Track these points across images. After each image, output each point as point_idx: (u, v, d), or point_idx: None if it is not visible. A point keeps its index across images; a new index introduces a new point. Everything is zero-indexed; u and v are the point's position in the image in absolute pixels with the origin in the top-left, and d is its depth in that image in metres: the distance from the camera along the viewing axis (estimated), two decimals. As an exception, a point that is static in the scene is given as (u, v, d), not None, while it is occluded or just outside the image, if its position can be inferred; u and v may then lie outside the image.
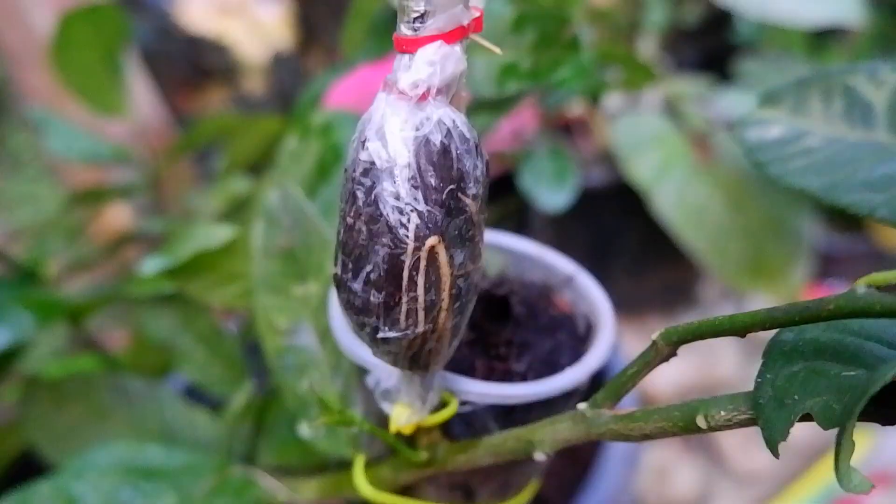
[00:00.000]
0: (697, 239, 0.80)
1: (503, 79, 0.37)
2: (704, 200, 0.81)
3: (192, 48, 1.42)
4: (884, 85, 0.26)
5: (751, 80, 0.82)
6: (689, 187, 0.82)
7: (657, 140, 0.83)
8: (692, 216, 0.81)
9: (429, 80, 0.19)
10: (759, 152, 0.27)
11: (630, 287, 1.03)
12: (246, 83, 1.48)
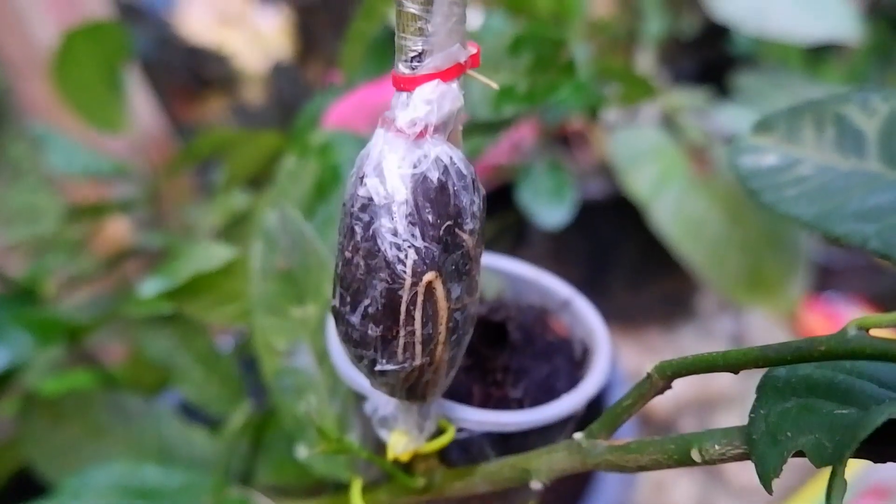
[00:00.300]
0: (695, 252, 0.80)
1: (500, 101, 0.37)
2: (702, 213, 0.81)
3: (192, 58, 1.42)
4: (875, 114, 0.26)
5: (748, 95, 0.82)
6: (686, 200, 0.82)
7: (655, 153, 0.84)
8: (690, 229, 0.81)
9: (426, 118, 0.19)
10: (752, 180, 0.28)
11: (628, 299, 1.03)
12: (245, 93, 1.49)
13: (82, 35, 0.46)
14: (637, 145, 0.84)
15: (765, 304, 0.80)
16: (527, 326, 0.29)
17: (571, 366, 0.29)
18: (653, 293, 1.02)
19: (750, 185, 0.28)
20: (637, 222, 0.80)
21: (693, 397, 0.94)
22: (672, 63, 1.25)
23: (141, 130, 0.88)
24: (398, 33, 0.19)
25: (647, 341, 1.02)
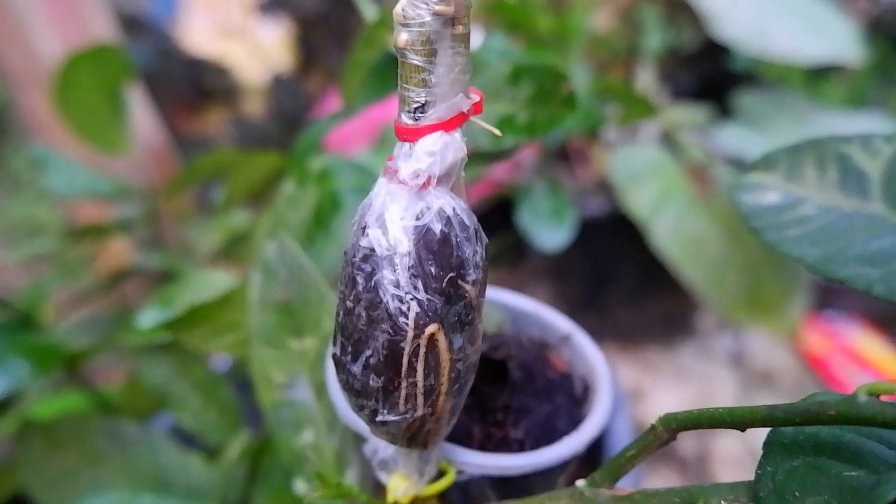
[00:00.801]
0: (695, 271, 0.80)
1: (500, 131, 0.37)
2: (702, 233, 0.81)
3: (193, 70, 1.42)
4: (878, 155, 0.26)
5: (749, 115, 0.82)
6: (686, 220, 0.82)
7: (655, 172, 0.84)
8: (690, 248, 0.81)
9: (429, 169, 0.19)
10: (754, 218, 0.27)
11: (628, 316, 1.03)
12: (246, 104, 1.49)
13: (84, 58, 0.46)
14: (637, 164, 0.84)
15: (765, 324, 0.80)
16: (527, 364, 0.29)
17: (572, 404, 0.29)
18: (652, 311, 1.02)
19: (751, 224, 0.27)
20: (637, 240, 0.80)
21: (692, 416, 0.94)
22: (672, 78, 1.25)
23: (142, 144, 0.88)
24: (401, 84, 0.19)
25: (647, 359, 1.01)
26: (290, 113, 1.44)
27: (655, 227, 0.79)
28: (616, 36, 1.36)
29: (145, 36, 1.41)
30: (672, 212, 0.81)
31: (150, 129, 0.92)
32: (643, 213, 0.79)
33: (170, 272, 0.58)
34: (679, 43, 1.21)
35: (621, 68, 1.31)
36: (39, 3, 0.84)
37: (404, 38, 0.18)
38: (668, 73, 1.25)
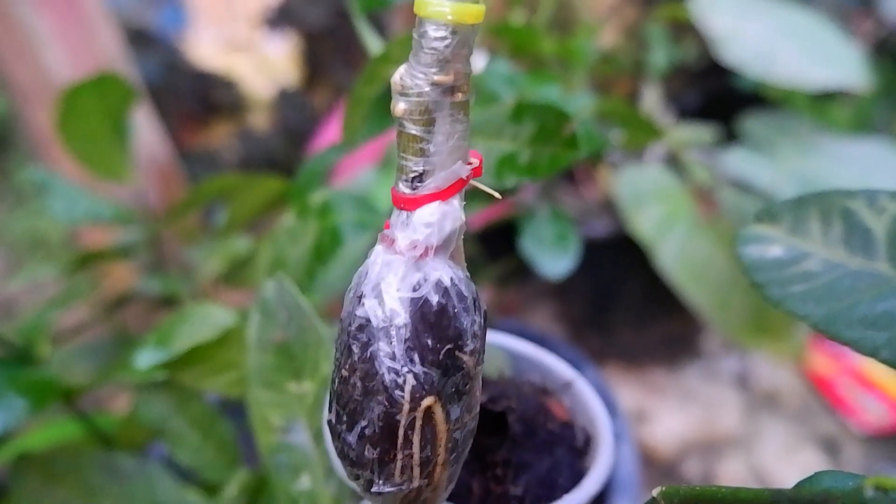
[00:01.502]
0: (700, 294, 0.79)
1: (501, 170, 0.36)
2: (707, 256, 0.81)
3: (199, 83, 1.43)
4: (884, 212, 0.25)
5: (754, 140, 0.82)
6: (692, 242, 0.82)
7: (660, 194, 0.83)
8: (695, 271, 0.80)
9: (427, 240, 0.19)
10: (758, 272, 0.27)
11: (632, 337, 1.02)
12: (252, 118, 1.49)
13: (87, 87, 0.46)
14: (642, 185, 0.84)
15: (770, 347, 0.80)
16: (528, 416, 0.29)
17: (574, 456, 0.29)
18: (657, 332, 1.01)
19: (755, 278, 0.27)
20: (642, 261, 0.80)
21: (698, 439, 0.93)
22: (677, 96, 1.25)
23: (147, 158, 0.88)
24: (399, 153, 0.19)
25: (651, 381, 1.01)
26: (296, 127, 1.45)
27: (660, 250, 0.79)
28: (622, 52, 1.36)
29: (152, 49, 1.42)
30: (677, 234, 0.81)
31: (156, 143, 0.92)
32: (648, 235, 0.79)
33: (170, 297, 0.58)
34: (684, 60, 1.21)
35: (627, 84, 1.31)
36: (47, 18, 0.85)
37: (402, 108, 0.18)
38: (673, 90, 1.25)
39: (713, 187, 0.84)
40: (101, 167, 0.50)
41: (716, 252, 0.79)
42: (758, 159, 0.79)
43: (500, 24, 0.77)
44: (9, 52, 0.86)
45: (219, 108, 1.44)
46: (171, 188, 0.95)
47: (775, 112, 0.88)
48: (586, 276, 0.97)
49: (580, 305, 1.04)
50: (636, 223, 0.80)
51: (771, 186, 0.76)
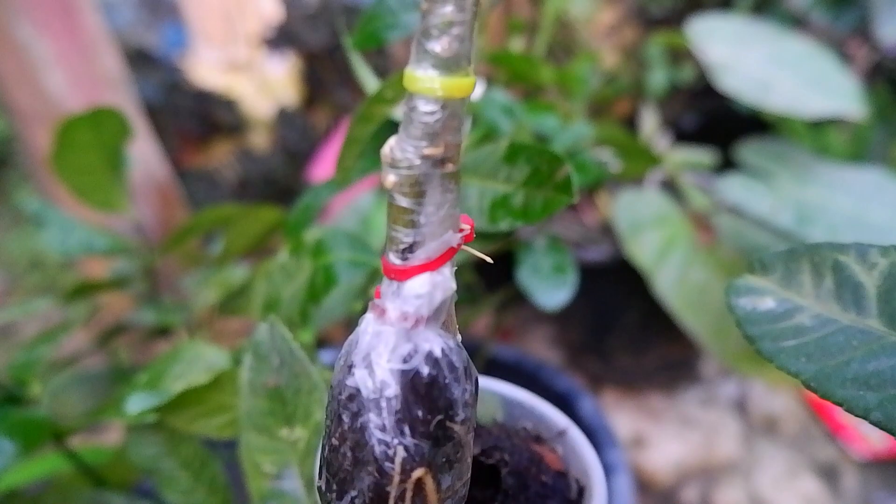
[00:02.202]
0: (697, 321, 0.79)
1: (495, 213, 0.36)
2: (705, 282, 0.81)
3: (200, 103, 1.43)
4: (875, 268, 0.25)
5: (752, 168, 0.82)
6: (690, 269, 0.82)
7: (659, 220, 0.83)
8: (693, 298, 0.80)
9: (417, 312, 0.19)
10: (750, 325, 0.27)
11: (630, 361, 1.02)
12: (252, 137, 1.49)
13: (80, 123, 0.46)
14: (640, 211, 0.84)
15: (768, 374, 0.80)
16: (521, 469, 0.28)
17: (565, 508, 0.28)
18: (655, 356, 1.01)
19: (747, 331, 0.27)
20: (640, 286, 0.80)
21: (696, 464, 0.93)
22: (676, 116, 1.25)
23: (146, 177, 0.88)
24: (389, 223, 0.19)
25: (649, 405, 1.00)
26: (296, 147, 1.45)
27: (658, 276, 0.79)
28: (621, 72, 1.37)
29: (153, 69, 1.42)
30: (675, 261, 0.81)
31: (155, 163, 0.92)
32: (646, 262, 0.79)
33: (165, 327, 0.57)
34: (683, 81, 1.22)
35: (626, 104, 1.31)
36: (49, 40, 0.85)
37: (392, 180, 0.18)
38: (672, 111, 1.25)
39: (711, 213, 0.84)
40: (97, 199, 0.50)
41: (714, 279, 0.79)
42: (755, 187, 0.79)
43: (499, 53, 0.77)
44: (9, 73, 0.86)
45: (219, 127, 1.44)
46: (170, 208, 0.95)
47: (773, 139, 0.88)
48: (585, 301, 0.97)
49: (578, 330, 1.03)
50: (634, 249, 0.80)
51: (769, 214, 0.76)
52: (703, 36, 0.85)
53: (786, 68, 0.80)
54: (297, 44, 1.47)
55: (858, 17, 1.13)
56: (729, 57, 0.82)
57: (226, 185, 1.38)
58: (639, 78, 1.25)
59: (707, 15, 0.91)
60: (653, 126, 1.01)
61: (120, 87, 0.91)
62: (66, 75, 0.88)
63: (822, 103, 0.75)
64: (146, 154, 0.91)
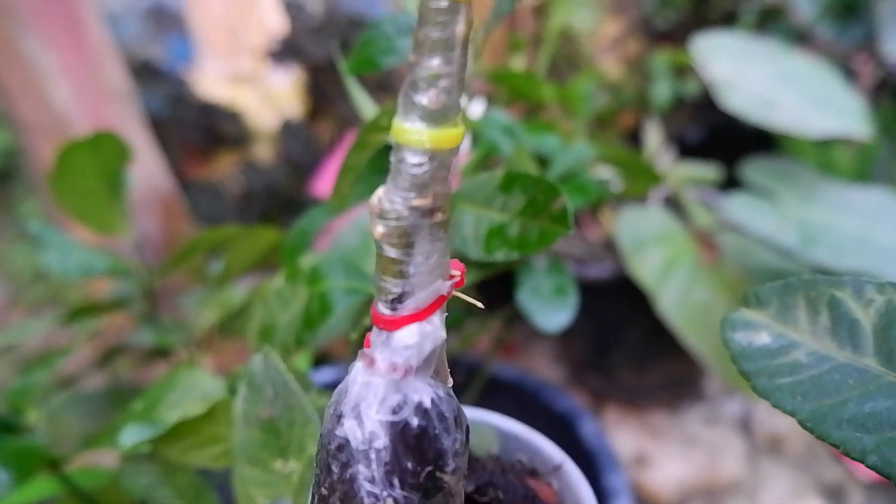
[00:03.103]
0: (701, 340, 0.79)
1: (491, 242, 0.36)
2: (709, 301, 0.80)
3: (205, 115, 1.44)
4: (871, 304, 0.25)
5: (756, 187, 0.82)
6: (693, 287, 0.81)
7: (662, 238, 0.83)
8: (696, 317, 0.80)
9: (406, 363, 0.18)
10: (746, 361, 0.27)
11: (632, 378, 1.01)
12: (256, 149, 1.50)
13: (80, 147, 0.46)
14: (643, 228, 0.84)
15: (771, 395, 0.79)
16: (514, 506, 0.28)
17: (559, 547, 0.28)
18: (658, 374, 1.00)
19: (743, 367, 0.27)
20: (643, 303, 0.79)
21: (700, 483, 0.92)
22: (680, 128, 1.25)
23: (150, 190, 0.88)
24: (378, 274, 0.18)
25: (652, 423, 1.00)
26: (299, 159, 1.45)
27: (662, 295, 0.78)
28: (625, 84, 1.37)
29: (158, 82, 1.43)
30: (678, 279, 0.80)
31: (159, 175, 0.93)
32: (649, 280, 0.79)
33: (164, 348, 0.57)
34: (687, 93, 1.22)
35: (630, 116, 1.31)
36: (55, 53, 0.85)
37: (380, 231, 0.18)
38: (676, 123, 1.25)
39: (715, 231, 0.84)
40: (96, 222, 0.51)
41: (717, 298, 0.79)
42: (759, 206, 0.79)
43: (500, 71, 0.77)
44: (15, 86, 0.87)
45: (223, 140, 1.44)
46: (174, 220, 0.96)
47: (777, 157, 0.88)
48: (587, 318, 0.97)
49: (581, 346, 1.03)
50: (637, 267, 0.79)
51: (773, 234, 0.75)
52: (707, 53, 0.85)
53: (790, 86, 0.80)
54: (302, 56, 1.48)
55: (864, 31, 1.12)
56: (733, 75, 0.82)
57: (229, 197, 1.38)
58: (643, 90, 1.25)
59: (711, 31, 0.91)
60: (657, 141, 1.01)
61: (124, 99, 0.91)
62: (71, 88, 0.89)
63: (828, 123, 0.75)
64: (150, 167, 0.91)
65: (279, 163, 1.47)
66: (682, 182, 0.92)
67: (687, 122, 1.33)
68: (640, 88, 1.29)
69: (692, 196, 0.88)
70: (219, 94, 1.48)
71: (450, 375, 0.21)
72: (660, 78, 1.20)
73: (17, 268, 1.18)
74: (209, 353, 0.58)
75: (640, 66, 1.41)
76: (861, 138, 0.75)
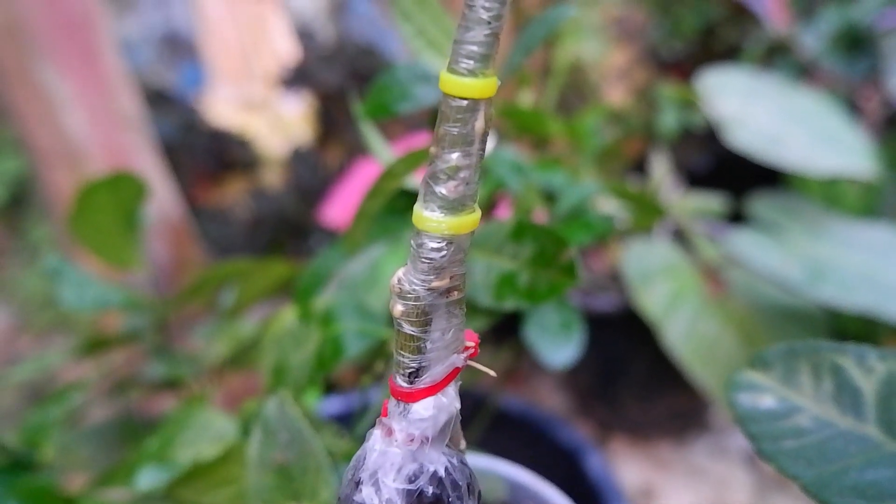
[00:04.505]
0: (707, 374, 0.79)
1: (501, 290, 0.37)
2: (716, 335, 0.81)
3: (215, 142, 1.46)
4: (873, 372, 0.26)
5: (763, 223, 0.82)
6: (700, 321, 0.81)
7: (668, 271, 0.84)
8: (703, 351, 0.80)
9: (422, 434, 0.19)
10: (751, 423, 0.27)
11: (638, 410, 1.01)
12: (265, 176, 1.51)
13: (100, 187, 0.47)
14: (650, 262, 0.84)
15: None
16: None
17: None
18: (665, 405, 1.01)
19: (748, 430, 0.27)
20: (649, 334, 0.80)
21: (704, 516, 0.92)
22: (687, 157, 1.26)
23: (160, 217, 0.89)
24: (396, 349, 0.19)
25: (658, 455, 1.00)
26: (309, 186, 1.47)
27: (668, 328, 0.79)
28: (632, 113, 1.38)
29: (170, 109, 1.45)
30: (685, 313, 0.81)
31: (169, 201, 0.94)
32: (655, 313, 0.79)
33: (175, 381, 0.58)
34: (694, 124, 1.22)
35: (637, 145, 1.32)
36: (70, 81, 0.87)
37: (400, 310, 0.18)
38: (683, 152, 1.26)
39: (721, 265, 0.84)
40: (112, 258, 0.52)
41: (724, 332, 0.79)
42: (766, 242, 0.79)
43: (509, 107, 0.78)
44: (30, 114, 0.88)
45: (233, 166, 1.46)
46: (184, 247, 0.97)
47: (784, 190, 0.88)
48: (593, 349, 0.97)
49: (587, 376, 1.03)
50: (643, 300, 0.80)
51: (779, 271, 0.76)
52: (713, 90, 0.86)
53: (796, 124, 0.81)
54: (313, 84, 1.50)
55: (870, 65, 1.13)
56: (739, 112, 0.83)
57: (238, 222, 1.39)
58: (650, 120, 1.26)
59: (717, 63, 0.92)
60: (663, 172, 1.02)
61: (138, 127, 0.93)
62: (86, 116, 0.90)
63: (833, 161, 0.76)
64: (161, 194, 0.92)
65: (288, 189, 1.48)
66: (690, 214, 0.92)
67: (695, 151, 1.33)
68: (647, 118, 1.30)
69: (699, 229, 0.89)
70: (230, 121, 1.50)
71: (463, 438, 0.22)
72: (666, 108, 1.21)
73: (27, 293, 1.20)
74: (220, 387, 0.59)
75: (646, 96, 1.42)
76: (865, 177, 0.75)
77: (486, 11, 0.15)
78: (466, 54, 0.16)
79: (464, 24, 0.16)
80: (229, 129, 1.46)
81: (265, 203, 1.42)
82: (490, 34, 0.16)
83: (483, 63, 0.16)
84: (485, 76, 0.16)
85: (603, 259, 1.02)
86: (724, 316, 0.82)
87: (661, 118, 1.21)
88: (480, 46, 0.16)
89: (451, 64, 0.16)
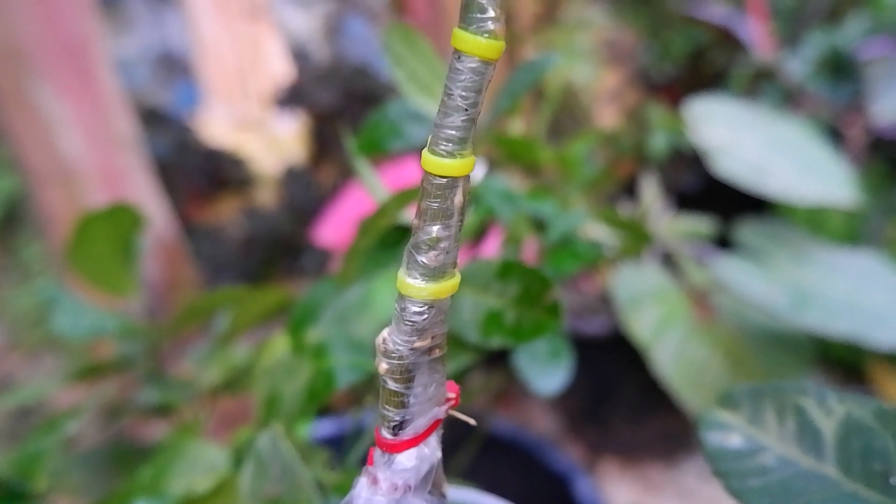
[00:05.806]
0: (695, 398, 0.80)
1: (488, 328, 0.38)
2: (704, 359, 0.82)
3: (209, 161, 1.47)
4: (832, 414, 0.27)
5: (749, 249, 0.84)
6: (688, 345, 0.83)
7: (657, 296, 0.85)
8: (691, 374, 0.81)
9: (406, 482, 0.20)
10: (720, 461, 0.29)
11: (629, 432, 1.02)
12: (258, 194, 1.53)
13: (99, 218, 0.48)
14: (639, 286, 0.85)
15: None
16: None
17: None
18: (655, 427, 1.01)
19: (717, 467, 0.28)
20: (639, 357, 0.81)
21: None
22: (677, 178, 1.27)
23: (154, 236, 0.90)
24: (381, 404, 0.21)
25: (648, 477, 1.01)
26: (302, 205, 1.48)
27: (656, 352, 0.80)
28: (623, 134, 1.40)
29: (165, 127, 1.46)
30: (673, 337, 0.82)
31: (162, 220, 0.95)
32: (644, 337, 0.80)
33: (168, 407, 0.59)
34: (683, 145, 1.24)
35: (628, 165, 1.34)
36: (66, 102, 0.88)
37: (384, 368, 0.20)
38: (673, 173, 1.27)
39: (709, 290, 0.86)
40: (109, 287, 0.53)
41: (712, 356, 0.81)
42: (752, 269, 0.81)
43: (499, 135, 0.80)
44: (25, 134, 0.89)
45: (227, 184, 1.47)
46: (176, 266, 0.97)
47: (770, 215, 0.90)
48: (584, 371, 0.98)
49: (577, 398, 1.04)
50: (633, 325, 0.81)
51: (764, 297, 0.77)
52: (701, 119, 0.88)
53: (781, 154, 0.83)
54: (307, 103, 1.51)
55: (854, 90, 1.15)
56: (725, 141, 0.85)
57: (231, 241, 1.40)
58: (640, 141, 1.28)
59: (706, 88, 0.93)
60: (652, 196, 1.03)
61: (132, 147, 0.94)
62: (81, 136, 0.91)
63: (816, 190, 0.77)
64: (155, 214, 0.93)
65: (282, 208, 1.49)
66: (679, 237, 0.94)
67: (685, 171, 1.35)
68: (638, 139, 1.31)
69: (687, 253, 0.90)
70: (224, 140, 1.51)
71: (445, 481, 0.23)
72: (657, 130, 1.23)
73: (18, 311, 1.20)
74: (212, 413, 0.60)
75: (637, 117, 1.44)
76: (847, 206, 0.77)
77: (464, 100, 0.17)
78: (446, 137, 0.17)
79: (443, 110, 0.17)
80: (223, 148, 1.47)
81: (258, 222, 1.43)
82: (467, 119, 0.17)
83: (461, 145, 0.17)
84: (462, 157, 0.17)
85: (594, 282, 1.03)
86: (712, 340, 0.83)
87: (651, 140, 1.22)
88: (458, 131, 0.17)
89: (432, 145, 0.17)
